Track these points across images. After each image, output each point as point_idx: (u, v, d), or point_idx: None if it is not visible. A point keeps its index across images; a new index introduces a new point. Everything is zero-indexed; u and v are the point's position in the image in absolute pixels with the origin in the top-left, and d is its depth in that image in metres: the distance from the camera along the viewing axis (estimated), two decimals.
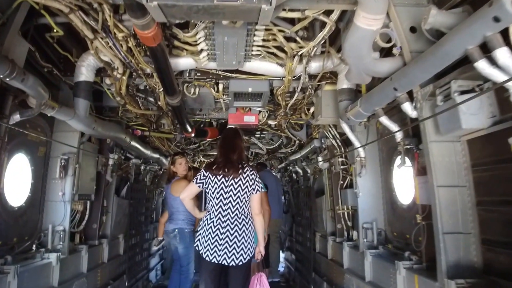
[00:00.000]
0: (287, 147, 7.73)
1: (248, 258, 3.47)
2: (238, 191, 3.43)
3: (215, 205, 3.46)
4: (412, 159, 3.21)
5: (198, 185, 3.50)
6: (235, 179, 3.43)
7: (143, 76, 3.81)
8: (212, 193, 3.46)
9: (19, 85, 2.77)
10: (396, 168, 3.86)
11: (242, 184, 3.43)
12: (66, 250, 4.02)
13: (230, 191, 3.43)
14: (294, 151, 7.77)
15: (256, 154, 9.75)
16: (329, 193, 5.73)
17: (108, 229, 5.56)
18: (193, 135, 6.00)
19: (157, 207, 9.62)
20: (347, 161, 4.94)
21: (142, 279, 7.41)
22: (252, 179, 3.46)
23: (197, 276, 3.87)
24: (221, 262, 3.40)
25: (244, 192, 3.43)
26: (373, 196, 4.27)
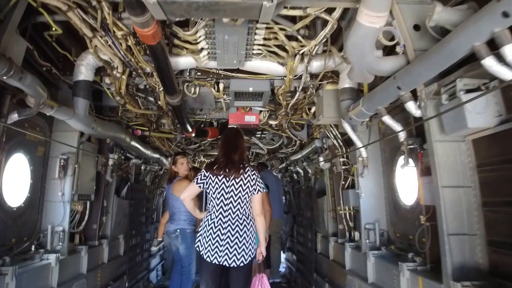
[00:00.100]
0: (288, 147, 7.72)
1: (249, 259, 3.43)
2: (239, 191, 3.39)
3: (216, 206, 3.42)
4: (416, 159, 3.16)
5: (198, 185, 3.47)
6: (236, 179, 3.40)
7: (143, 75, 3.78)
8: (213, 193, 3.42)
9: (16, 84, 2.74)
10: (399, 168, 3.82)
11: (243, 185, 3.40)
12: (66, 250, 3.99)
13: (231, 191, 3.39)
14: (295, 151, 7.75)
15: (256, 154, 9.72)
16: (331, 194, 5.69)
17: (108, 229, 5.53)
18: (193, 135, 5.98)
19: (157, 207, 9.59)
20: (348, 161, 4.91)
21: (143, 279, 7.38)
22: (253, 179, 3.42)
23: (198, 277, 3.84)
24: (222, 263, 3.36)
25: (245, 193, 3.40)
26: (375, 197, 4.23)
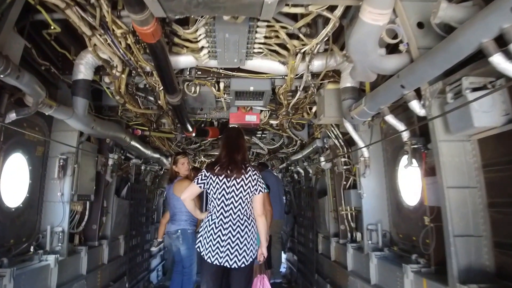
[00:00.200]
0: (289, 147, 7.68)
1: (250, 260, 3.40)
2: (240, 191, 3.35)
3: (217, 206, 3.38)
4: (419, 159, 3.11)
5: (199, 185, 3.43)
6: (237, 179, 3.36)
7: (143, 75, 3.74)
8: (214, 193, 3.38)
9: (14, 83, 2.69)
10: (401, 168, 3.78)
11: (244, 185, 3.36)
12: (65, 251, 3.95)
13: (232, 191, 3.36)
14: (295, 151, 7.71)
15: (257, 154, 9.68)
16: (332, 194, 5.65)
17: (108, 230, 5.49)
18: (194, 134, 5.94)
19: (158, 207, 9.56)
20: (350, 161, 4.87)
21: (143, 280, 7.35)
22: (254, 179, 3.38)
23: (199, 277, 3.81)
24: (223, 264, 3.33)
25: (246, 193, 3.36)
26: (377, 197, 4.19)
